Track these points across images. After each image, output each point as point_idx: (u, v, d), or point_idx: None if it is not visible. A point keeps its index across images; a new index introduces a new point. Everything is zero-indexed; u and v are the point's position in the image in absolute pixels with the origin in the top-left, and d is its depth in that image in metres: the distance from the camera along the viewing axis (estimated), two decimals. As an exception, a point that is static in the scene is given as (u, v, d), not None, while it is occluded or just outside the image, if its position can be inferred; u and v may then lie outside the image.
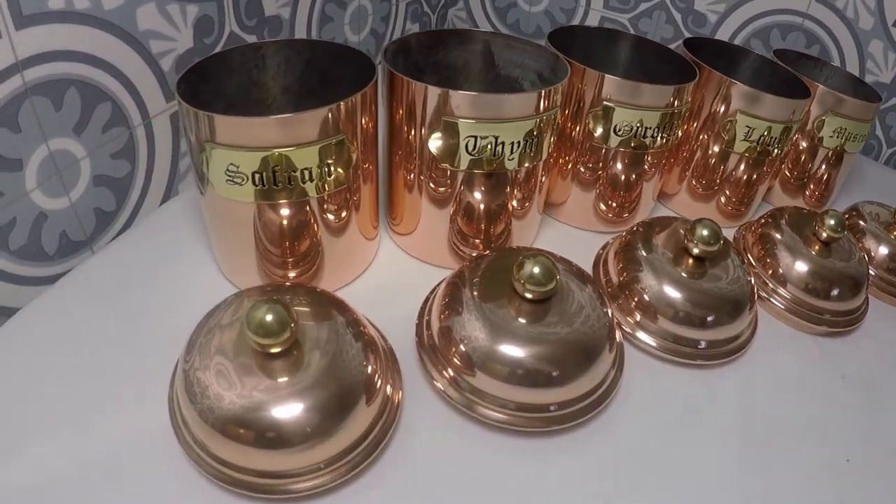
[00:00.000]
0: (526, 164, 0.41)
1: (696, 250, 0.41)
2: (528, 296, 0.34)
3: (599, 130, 0.45)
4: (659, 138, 0.46)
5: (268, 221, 0.37)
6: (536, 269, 0.34)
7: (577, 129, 0.47)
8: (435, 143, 0.39)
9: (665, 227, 0.45)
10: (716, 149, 0.52)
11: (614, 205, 0.50)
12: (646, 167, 0.48)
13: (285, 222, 0.37)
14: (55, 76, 0.38)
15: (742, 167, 0.52)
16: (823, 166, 0.57)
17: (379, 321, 0.38)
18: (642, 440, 0.36)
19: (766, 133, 0.49)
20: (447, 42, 0.46)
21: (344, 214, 0.39)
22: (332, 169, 0.36)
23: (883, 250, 0.51)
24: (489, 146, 0.38)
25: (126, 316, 0.40)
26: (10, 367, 0.36)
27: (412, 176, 0.42)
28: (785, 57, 0.56)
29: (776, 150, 0.51)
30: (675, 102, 0.45)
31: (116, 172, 0.45)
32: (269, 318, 0.29)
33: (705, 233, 0.41)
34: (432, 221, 0.44)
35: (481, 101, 0.37)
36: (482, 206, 0.42)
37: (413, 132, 0.40)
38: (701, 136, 0.52)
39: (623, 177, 0.48)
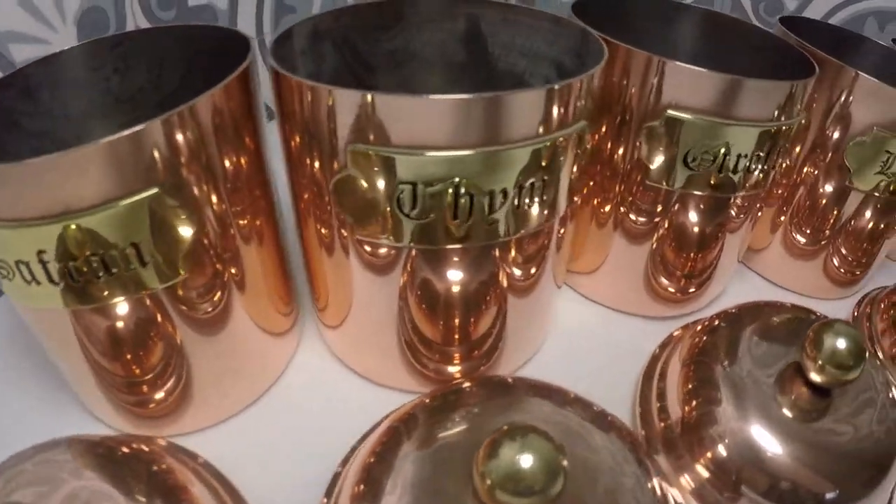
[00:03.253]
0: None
1: (818, 378, 0.24)
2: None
3: (658, 159, 0.27)
4: (756, 171, 0.28)
5: (93, 334, 0.22)
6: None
7: (619, 153, 0.29)
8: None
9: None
10: (829, 186, 0.34)
11: (679, 274, 0.32)
12: (731, 216, 0.30)
13: (120, 327, 0.22)
14: None
15: (867, 212, 0.34)
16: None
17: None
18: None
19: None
20: (405, 19, 0.29)
21: (219, 297, 0.23)
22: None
23: None
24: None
25: None
26: None
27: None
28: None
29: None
30: (786, 112, 0.27)
31: None
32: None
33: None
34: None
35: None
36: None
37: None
38: (805, 166, 0.34)
39: (691, 232, 0.30)
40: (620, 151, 0.28)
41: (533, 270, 0.26)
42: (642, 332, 0.32)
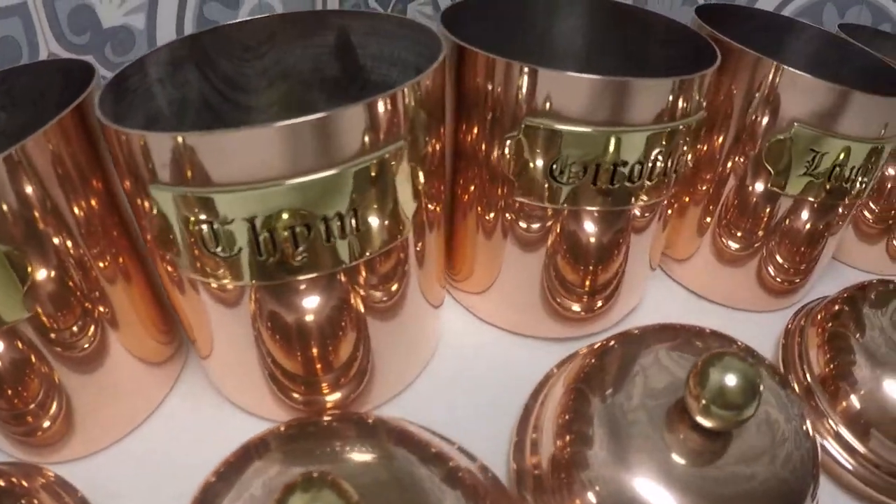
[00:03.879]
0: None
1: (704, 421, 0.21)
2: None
3: (523, 174, 0.25)
4: (649, 177, 0.26)
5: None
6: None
7: (494, 156, 0.26)
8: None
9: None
10: (757, 186, 0.31)
11: (580, 290, 0.29)
12: (632, 221, 0.28)
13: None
14: None
15: (802, 217, 0.31)
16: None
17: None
18: None
19: (840, 159, 0.28)
20: (274, 36, 0.27)
21: (92, 333, 0.24)
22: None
23: None
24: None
25: None
26: None
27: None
28: (857, 35, 0.35)
29: (858, 187, 0.30)
30: (679, 109, 0.25)
31: None
32: None
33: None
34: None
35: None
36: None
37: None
38: (729, 163, 0.32)
39: (587, 242, 0.28)
40: (495, 154, 0.26)
41: (395, 289, 0.24)
42: (546, 353, 0.30)
